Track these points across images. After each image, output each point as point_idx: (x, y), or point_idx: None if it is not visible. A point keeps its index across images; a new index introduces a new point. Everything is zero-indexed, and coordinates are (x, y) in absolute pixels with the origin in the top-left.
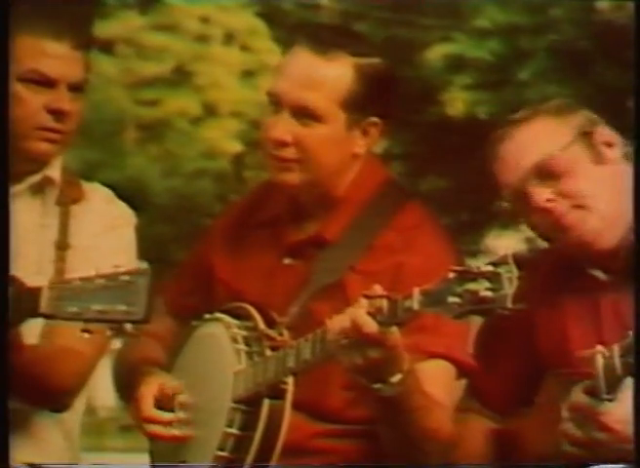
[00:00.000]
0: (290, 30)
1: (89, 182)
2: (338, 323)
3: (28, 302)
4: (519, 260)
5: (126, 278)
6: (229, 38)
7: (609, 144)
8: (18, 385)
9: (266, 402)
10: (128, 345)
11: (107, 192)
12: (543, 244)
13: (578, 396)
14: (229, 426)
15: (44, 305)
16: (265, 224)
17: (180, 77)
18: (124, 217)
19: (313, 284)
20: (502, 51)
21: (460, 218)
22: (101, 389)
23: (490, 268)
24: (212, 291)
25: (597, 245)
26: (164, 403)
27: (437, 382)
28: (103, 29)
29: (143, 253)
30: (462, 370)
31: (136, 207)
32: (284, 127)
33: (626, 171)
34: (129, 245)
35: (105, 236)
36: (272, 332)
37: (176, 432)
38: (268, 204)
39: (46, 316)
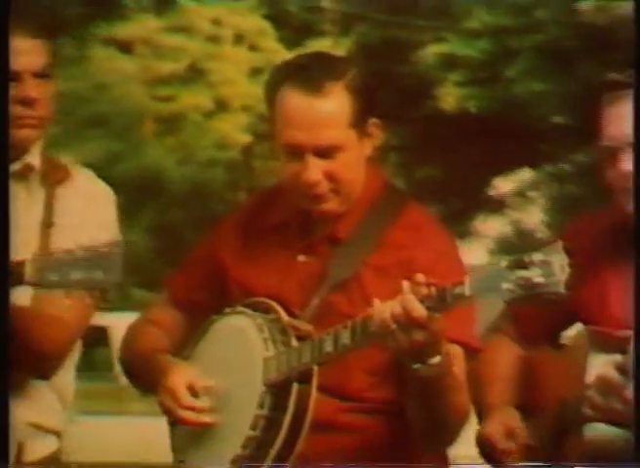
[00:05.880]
0: (277, 75)
1: (72, 164)
2: (388, 308)
3: (14, 273)
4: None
5: (103, 249)
6: (239, 38)
7: None
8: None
9: (295, 385)
10: (133, 334)
11: (89, 173)
12: (529, 227)
13: (608, 370)
14: (260, 408)
15: (28, 275)
16: (276, 227)
17: (194, 74)
18: (105, 195)
19: (330, 278)
20: (491, 50)
21: (451, 204)
22: None
23: (541, 257)
24: (222, 288)
25: None
26: (195, 391)
27: (457, 365)
28: (123, 31)
29: (159, 235)
30: (470, 352)
31: (153, 193)
32: (314, 169)
33: None
34: (111, 221)
35: (87, 212)
36: (297, 323)
37: (206, 418)
38: (277, 209)
39: (30, 284)
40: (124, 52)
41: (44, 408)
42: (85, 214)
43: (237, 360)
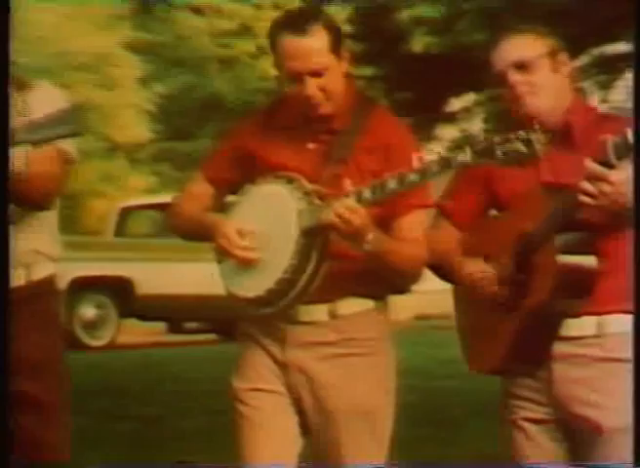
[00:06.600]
0: (274, 27)
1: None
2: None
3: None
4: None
5: (62, 113)
6: (276, 6)
7: (564, 64)
8: (15, 199)
9: (321, 230)
10: (179, 204)
11: (55, 91)
12: (473, 133)
13: (590, 165)
14: (297, 245)
15: (16, 139)
16: (288, 125)
17: (244, 30)
18: (55, 93)
19: (334, 157)
20: (447, 12)
21: (419, 117)
22: None
23: (523, 134)
24: (247, 168)
25: (538, 117)
26: (243, 234)
27: (413, 228)
28: (196, 0)
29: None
30: (430, 209)
31: (217, 111)
32: (311, 86)
33: (563, 82)
34: (61, 104)
35: (44, 103)
36: (317, 187)
37: (252, 254)
38: (287, 113)
39: (17, 143)
40: (196, 14)
41: (42, 238)
42: (42, 104)
43: (274, 213)
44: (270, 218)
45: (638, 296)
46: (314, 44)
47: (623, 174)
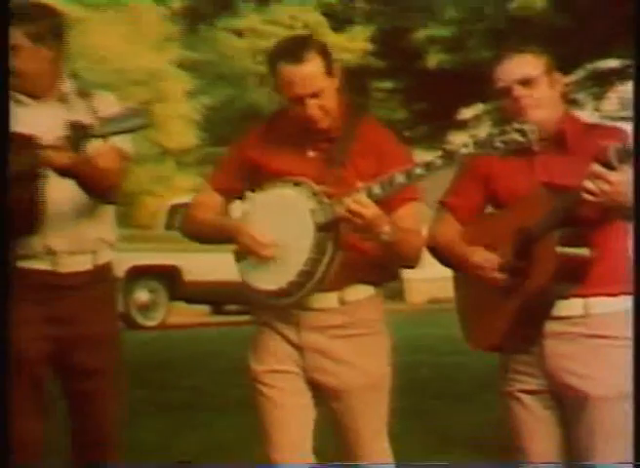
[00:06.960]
0: (272, 55)
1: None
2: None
3: (82, 131)
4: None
5: (130, 110)
6: (306, 26)
7: (558, 81)
8: (88, 191)
9: (334, 225)
10: (192, 210)
11: (105, 92)
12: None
13: (595, 167)
14: (314, 239)
15: (92, 132)
16: (289, 135)
17: None
18: (112, 100)
19: (334, 162)
20: (458, 32)
21: (434, 125)
22: None
23: (518, 125)
24: (253, 176)
25: (541, 126)
26: (263, 233)
27: (412, 219)
28: (236, 23)
29: None
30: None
31: (255, 120)
32: (312, 107)
33: (557, 96)
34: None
35: (106, 106)
36: (325, 187)
37: (272, 252)
38: (289, 125)
39: (94, 136)
40: (237, 35)
41: (105, 228)
42: (103, 106)
43: (288, 213)
44: (285, 218)
45: (637, 280)
46: (311, 70)
47: (622, 175)
